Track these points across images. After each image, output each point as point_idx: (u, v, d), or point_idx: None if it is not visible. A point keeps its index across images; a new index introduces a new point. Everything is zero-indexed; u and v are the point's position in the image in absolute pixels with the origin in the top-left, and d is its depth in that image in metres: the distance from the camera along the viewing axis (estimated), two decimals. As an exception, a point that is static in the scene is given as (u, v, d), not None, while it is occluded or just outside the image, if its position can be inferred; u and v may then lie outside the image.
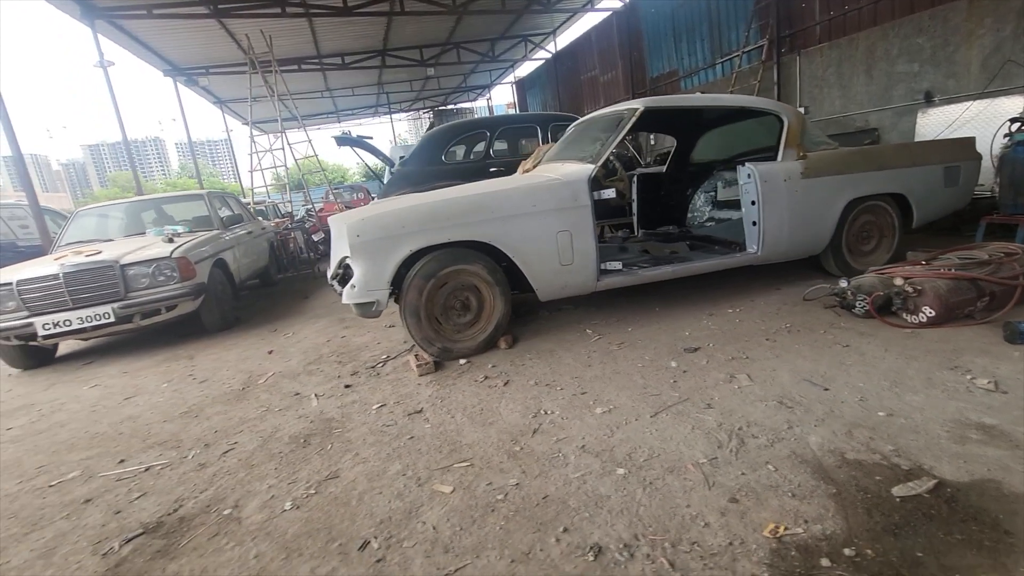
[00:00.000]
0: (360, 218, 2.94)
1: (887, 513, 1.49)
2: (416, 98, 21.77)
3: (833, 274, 3.89)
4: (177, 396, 3.16)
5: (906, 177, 3.80)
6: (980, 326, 2.75)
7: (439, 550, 1.54)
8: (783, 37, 7.87)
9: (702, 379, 2.51)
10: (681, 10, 10.02)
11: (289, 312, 5.31)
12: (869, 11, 6.65)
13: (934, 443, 1.79)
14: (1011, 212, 3.90)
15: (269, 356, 3.81)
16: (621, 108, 3.54)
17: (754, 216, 3.50)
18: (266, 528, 1.74)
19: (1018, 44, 5.18)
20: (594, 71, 13.89)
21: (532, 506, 1.70)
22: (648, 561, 1.41)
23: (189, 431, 2.61)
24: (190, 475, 2.16)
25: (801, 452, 1.82)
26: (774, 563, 1.36)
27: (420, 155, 5.94)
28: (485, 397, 2.58)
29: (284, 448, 2.30)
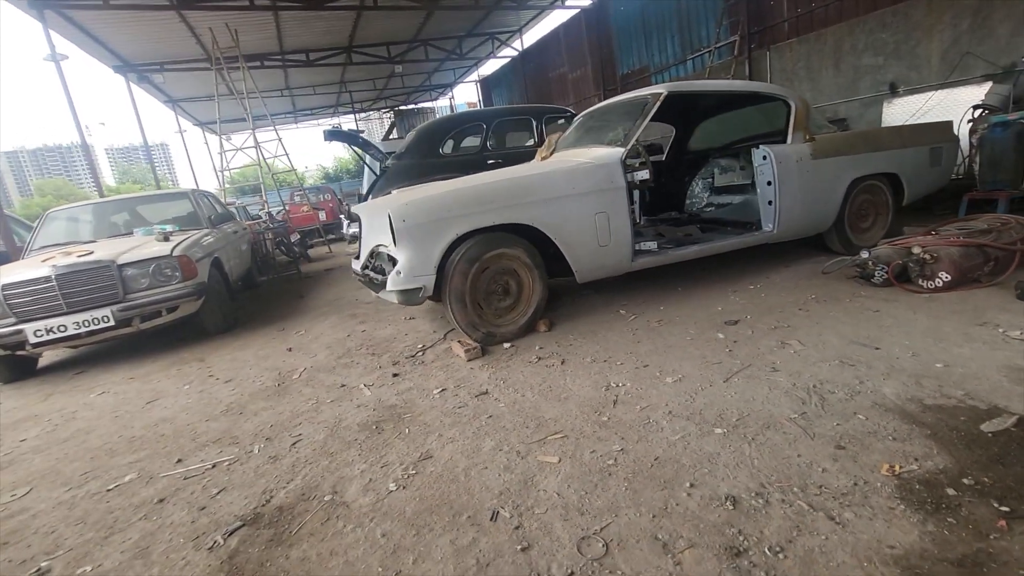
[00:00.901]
0: (404, 203, 2.89)
1: (985, 446, 1.61)
2: (378, 97, 21.37)
3: (835, 251, 4.12)
4: (207, 396, 3.00)
5: (899, 157, 4.07)
6: (989, 288, 2.99)
7: (574, 513, 1.55)
8: (753, 33, 8.25)
9: (755, 347, 2.61)
10: (651, 7, 10.32)
11: (290, 312, 5.13)
12: (835, 8, 7.08)
13: (998, 386, 1.94)
14: (991, 188, 4.26)
15: (289, 353, 3.67)
16: (644, 93, 3.63)
17: (770, 196, 3.66)
18: (380, 509, 1.69)
19: (975, 38, 5.65)
20: (563, 68, 14.07)
21: (647, 467, 1.73)
22: (786, 505, 1.47)
23: (240, 428, 2.49)
24: (266, 468, 2.07)
25: (882, 402, 1.94)
26: (904, 496, 1.45)
27: (417, 148, 5.86)
28: (547, 376, 2.60)
29: (357, 435, 2.24)
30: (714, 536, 1.39)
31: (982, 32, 5.59)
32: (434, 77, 19.62)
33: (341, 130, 6.30)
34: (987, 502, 1.39)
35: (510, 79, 17.18)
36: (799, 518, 1.42)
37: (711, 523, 1.44)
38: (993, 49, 5.50)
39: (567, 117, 6.44)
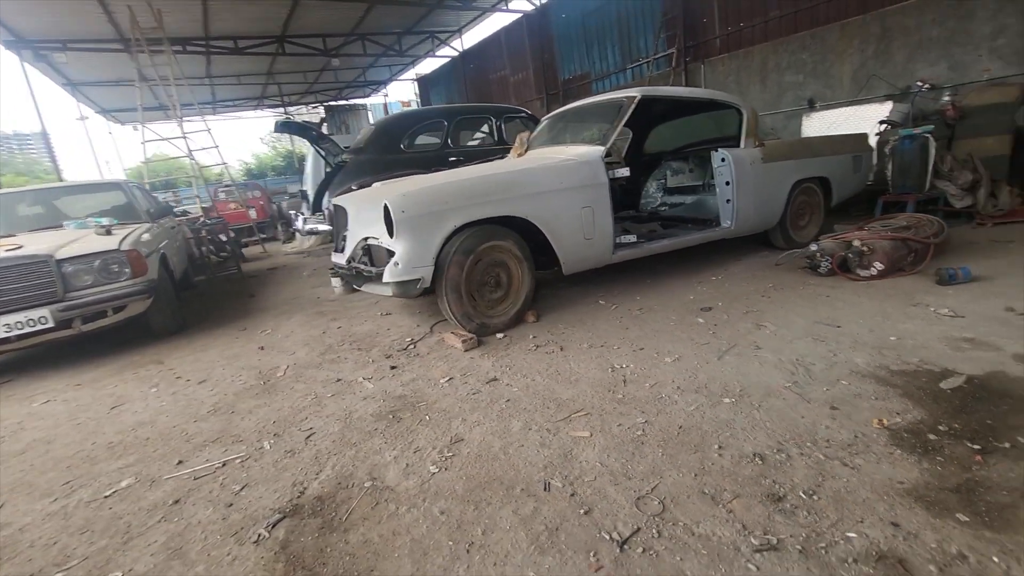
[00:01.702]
0: (401, 194, 2.87)
1: (948, 400, 1.92)
2: (308, 91, 20.41)
3: (778, 246, 4.58)
4: (184, 398, 2.80)
5: (830, 164, 4.60)
6: (912, 276, 3.48)
7: (621, 478, 1.67)
8: (689, 47, 8.87)
9: (734, 329, 2.87)
10: (592, 17, 10.76)
11: (245, 312, 4.84)
12: (761, 29, 7.79)
13: (943, 353, 2.30)
14: (901, 191, 4.91)
15: (262, 352, 3.50)
16: (619, 96, 3.83)
17: (729, 195, 4.01)
18: (428, 490, 1.71)
19: (878, 62, 6.47)
20: (504, 71, 14.26)
21: (674, 436, 1.89)
22: (805, 457, 1.68)
23: (239, 426, 2.36)
24: (286, 462, 2.00)
25: (857, 370, 2.23)
26: (897, 443, 1.70)
27: (377, 144, 5.74)
28: (551, 361, 2.70)
29: (376, 425, 2.21)
30: (753, 487, 1.56)
31: (884, 57, 6.42)
32: (369, 73, 19.06)
33: (294, 121, 6.03)
34: (962, 443, 1.67)
35: (449, 79, 17.12)
36: (819, 467, 1.62)
37: (747, 476, 1.61)
38: (893, 73, 6.34)
39: (525, 117, 6.61)
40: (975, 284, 3.15)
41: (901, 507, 1.41)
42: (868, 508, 1.42)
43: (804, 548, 1.30)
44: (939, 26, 5.91)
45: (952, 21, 5.80)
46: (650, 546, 1.36)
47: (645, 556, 1.33)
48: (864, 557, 1.25)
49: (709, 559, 1.30)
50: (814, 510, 1.43)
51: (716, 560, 1.30)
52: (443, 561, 1.39)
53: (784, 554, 1.29)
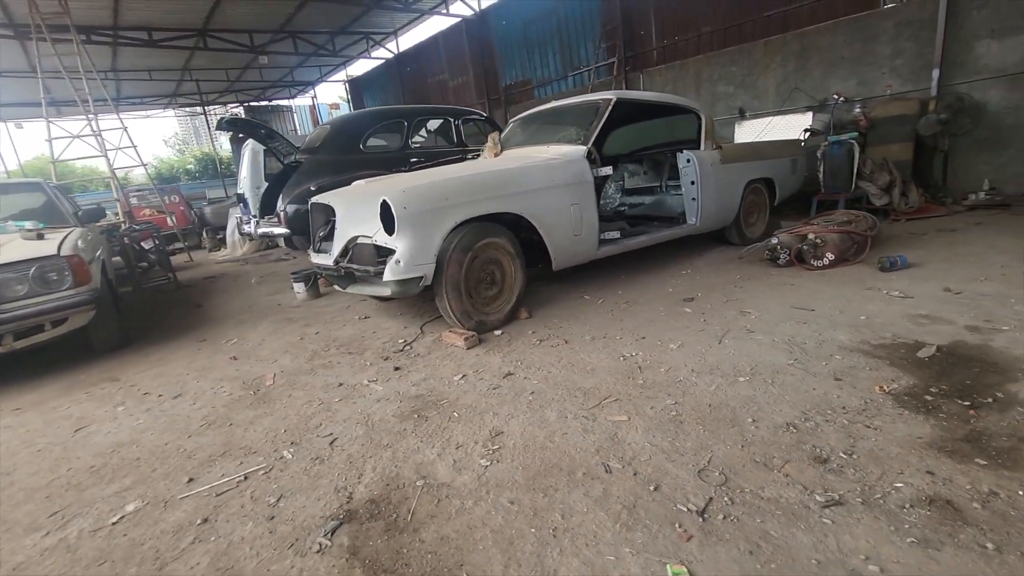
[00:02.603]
0: (401, 190, 2.80)
1: (928, 367, 2.18)
2: (228, 89, 19.10)
3: (732, 242, 4.93)
4: (164, 414, 2.54)
5: (774, 166, 5.04)
6: (857, 264, 3.89)
7: (675, 455, 1.74)
8: (628, 57, 9.32)
9: (722, 316, 3.07)
10: (533, 25, 11.00)
11: (197, 322, 4.46)
12: (695, 42, 8.37)
13: (908, 328, 2.60)
14: (832, 191, 5.47)
15: (236, 362, 3.25)
16: (594, 98, 3.97)
17: (694, 194, 4.27)
18: (486, 483, 1.69)
19: (799, 76, 7.17)
20: (443, 75, 14.18)
21: (707, 413, 1.99)
22: (831, 423, 1.84)
23: (245, 438, 2.19)
24: (317, 469, 1.88)
25: (844, 346, 2.47)
26: (903, 405, 1.91)
27: (335, 143, 5.51)
28: (560, 354, 2.74)
29: (403, 425, 2.14)
30: (797, 452, 1.69)
31: (803, 72, 7.13)
32: (297, 73, 18.20)
33: (242, 118, 5.64)
34: (953, 401, 1.90)
35: (384, 81, 16.73)
36: (847, 430, 1.79)
37: (788, 444, 1.74)
38: (812, 86, 7.06)
39: (482, 119, 6.63)
40: (912, 270, 3.58)
41: (928, 458, 1.59)
42: (902, 461, 1.59)
43: (865, 500, 1.43)
44: (849, 47, 6.66)
45: (859, 43, 6.56)
46: (728, 513, 1.44)
47: (727, 522, 1.41)
48: (918, 502, 1.40)
49: (786, 518, 1.40)
50: (858, 467, 1.58)
51: (793, 519, 1.39)
52: (532, 548, 1.38)
53: (850, 507, 1.41)
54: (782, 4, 7.18)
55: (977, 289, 3.05)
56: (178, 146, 44.68)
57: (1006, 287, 3.03)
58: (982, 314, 2.66)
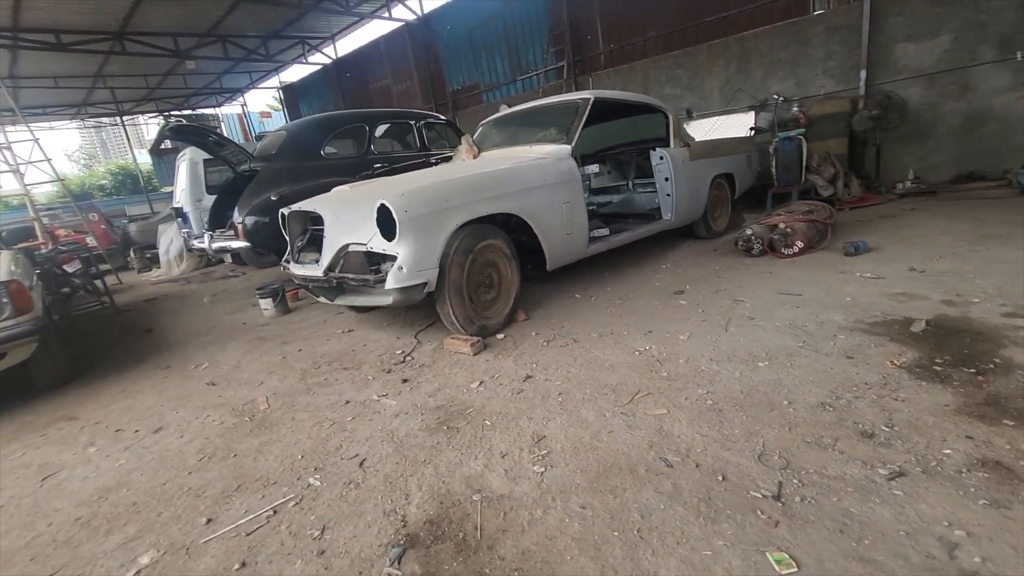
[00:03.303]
0: (400, 193, 2.67)
1: (925, 340, 2.34)
2: (147, 97, 17.69)
3: (700, 236, 5.12)
4: (151, 451, 2.27)
5: (734, 162, 5.28)
6: (822, 251, 4.14)
7: (728, 443, 1.75)
8: (577, 61, 9.50)
9: (717, 306, 3.16)
10: (478, 30, 10.98)
11: (153, 348, 4.05)
12: (640, 47, 8.66)
13: (892, 306, 2.78)
14: (785, 184, 5.81)
15: (214, 387, 2.97)
16: (572, 98, 3.99)
17: (668, 190, 4.38)
18: (548, 490, 1.62)
19: (740, 78, 7.59)
20: (386, 80, 13.86)
21: (741, 400, 2.03)
22: (861, 399, 1.92)
23: (256, 469, 1.99)
24: (355, 494, 1.73)
25: (843, 326, 2.60)
26: (918, 377, 2.02)
27: (294, 150, 5.21)
28: (575, 353, 2.71)
29: (435, 439, 2.02)
30: (842, 429, 1.74)
31: (745, 74, 7.55)
32: (225, 79, 17.17)
33: (188, 125, 5.21)
34: (960, 369, 2.04)
35: (322, 87, 16.13)
36: (879, 404, 1.87)
37: (829, 422, 1.80)
38: (753, 87, 7.49)
39: (444, 123, 6.52)
40: (873, 254, 3.85)
41: (962, 424, 1.69)
42: (941, 429, 1.67)
43: (924, 469, 1.49)
44: (785, 50, 7.13)
45: (795, 46, 7.04)
46: (803, 495, 1.46)
47: (806, 504, 1.42)
48: (972, 465, 1.48)
49: (859, 494, 1.43)
50: (903, 439, 1.65)
51: (865, 494, 1.43)
52: (622, 552, 1.33)
53: (913, 477, 1.47)
54: (722, 10, 7.58)
55: (937, 267, 3.32)
56: (83, 160, 40.95)
57: (960, 264, 3.32)
58: (951, 290, 2.89)
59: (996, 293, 2.75)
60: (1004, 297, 2.68)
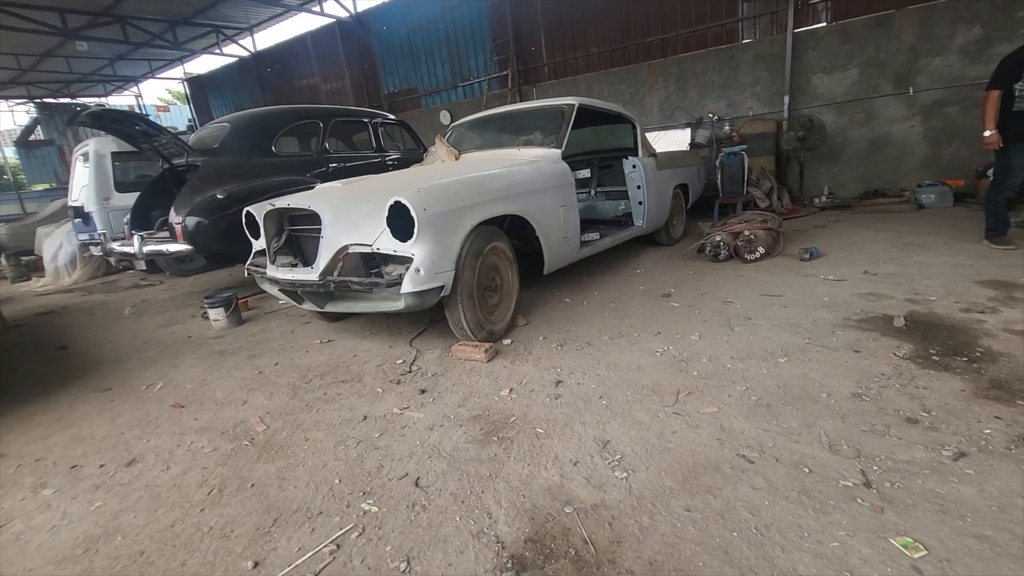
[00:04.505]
0: (416, 190, 2.48)
1: (911, 332, 2.59)
2: (16, 80, 15.26)
3: (660, 242, 5.35)
4: (129, 489, 1.89)
5: (688, 173, 5.59)
6: (779, 257, 4.49)
7: (793, 435, 1.80)
8: (520, 71, 9.61)
9: (709, 307, 3.29)
10: (418, 32, 10.74)
11: (81, 369, 3.43)
12: (584, 61, 8.95)
13: (865, 305, 3.06)
14: (730, 196, 6.25)
15: (183, 410, 2.58)
16: (557, 103, 3.99)
17: (640, 197, 4.54)
18: (641, 495, 1.56)
19: (678, 97, 8.10)
20: (314, 78, 13.09)
21: (781, 394, 2.10)
22: (888, 388, 2.07)
23: (289, 498, 1.72)
24: (428, 517, 1.55)
25: (835, 323, 2.81)
26: (925, 366, 2.23)
27: (241, 145, 4.72)
28: (594, 356, 2.67)
29: (488, 451, 1.88)
30: (888, 417, 1.86)
31: (683, 93, 8.07)
32: (119, 66, 15.28)
33: (109, 110, 4.52)
34: (954, 359, 2.28)
35: (237, 81, 14.89)
36: (905, 392, 2.02)
37: (872, 411, 1.91)
38: (690, 105, 8.02)
39: (395, 124, 6.27)
40: (824, 259, 4.23)
41: (985, 406, 1.87)
42: (970, 412, 1.84)
43: (979, 449, 1.63)
44: (718, 73, 7.72)
45: (727, 70, 7.64)
46: (889, 480, 1.52)
47: (896, 489, 1.49)
48: (1016, 442, 1.64)
49: (936, 475, 1.53)
50: (945, 422, 1.80)
51: (941, 475, 1.53)
52: (751, 551, 1.31)
53: (974, 456, 1.60)
54: (660, 32, 8.05)
55: (885, 270, 3.72)
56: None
57: (902, 268, 3.74)
58: (908, 289, 3.24)
59: (946, 292, 3.12)
60: (954, 295, 3.05)
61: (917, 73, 6.45)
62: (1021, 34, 5.78)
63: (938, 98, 6.41)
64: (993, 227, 4.03)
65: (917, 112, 6.58)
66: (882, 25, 6.50)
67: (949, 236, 4.54)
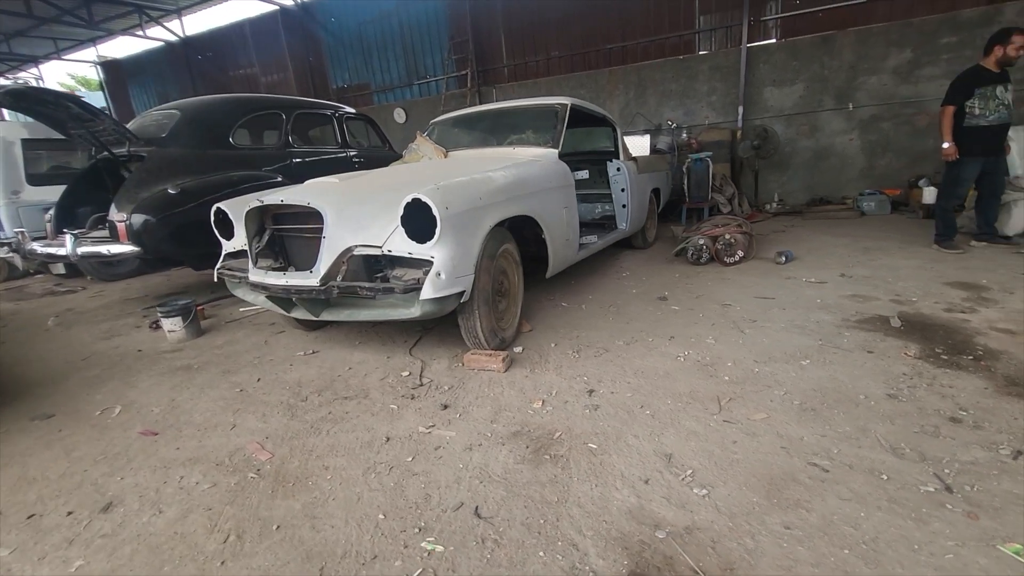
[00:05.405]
0: (435, 187, 2.27)
1: (912, 332, 2.70)
2: None
3: (637, 246, 5.39)
4: (114, 542, 1.55)
5: (660, 178, 5.68)
6: (755, 260, 4.64)
7: (852, 440, 1.78)
8: (480, 71, 9.44)
9: (711, 311, 3.30)
10: (370, 26, 10.29)
11: (5, 396, 2.89)
12: (544, 64, 8.94)
13: (858, 306, 3.18)
14: (697, 200, 6.42)
15: (156, 437, 2.21)
16: (550, 102, 3.87)
17: (624, 200, 4.53)
18: (731, 513, 1.47)
19: (638, 103, 8.27)
20: (252, 68, 12.20)
21: (820, 397, 2.10)
22: (916, 388, 2.13)
23: (332, 541, 1.48)
24: (507, 554, 1.37)
25: (838, 325, 2.89)
26: (939, 366, 2.31)
27: (194, 135, 4.22)
28: (618, 364, 2.58)
29: (545, 472, 1.72)
30: (931, 418, 1.90)
31: (642, 100, 8.26)
32: (15, 43, 13.50)
33: (35, 88, 3.89)
34: (959, 357, 2.39)
35: (163, 68, 13.59)
36: (934, 392, 2.08)
37: (911, 412, 1.95)
38: (650, 112, 8.22)
39: (362, 120, 5.94)
40: (798, 262, 4.41)
41: (1012, 402, 1.96)
42: (1003, 408, 1.92)
43: (1030, 444, 1.68)
44: (676, 82, 7.96)
45: (684, 80, 7.90)
46: (968, 482, 1.53)
47: (977, 492, 1.49)
48: (1060, 437, 1.71)
49: (1006, 476, 1.55)
50: (986, 420, 1.85)
51: (1008, 473, 1.55)
52: (871, 571, 1.25)
53: (1029, 453, 1.64)
54: (621, 39, 8.20)
55: (858, 273, 3.92)
56: None
57: (872, 271, 3.96)
58: (888, 291, 3.42)
59: (923, 293, 3.32)
60: (932, 296, 3.25)
61: (856, 90, 6.97)
62: (945, 59, 6.39)
63: (874, 113, 6.95)
64: (943, 233, 4.37)
65: (856, 126, 7.10)
66: (826, 44, 6.96)
67: (900, 241, 4.89)
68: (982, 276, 3.57)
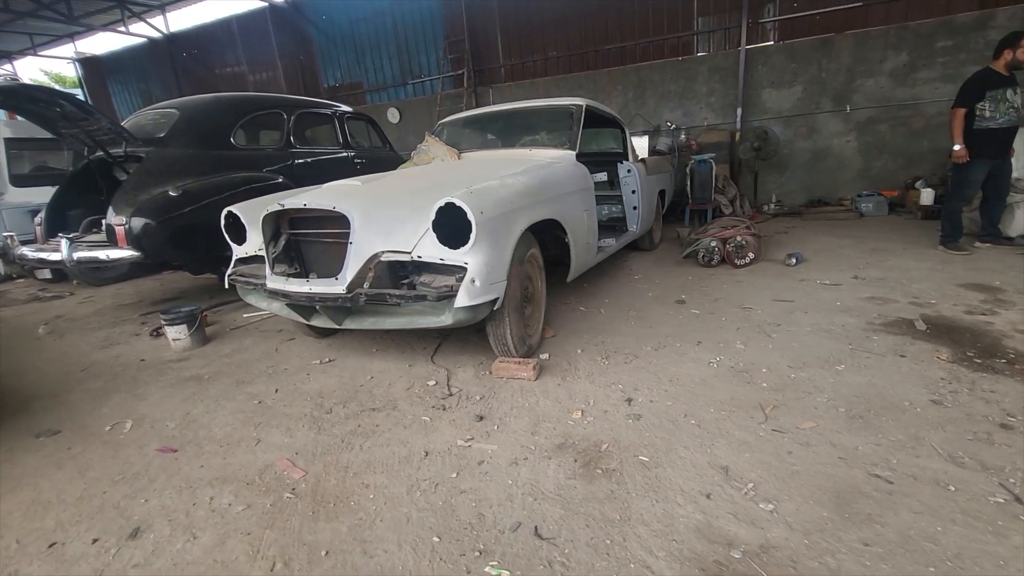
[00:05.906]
0: (468, 190, 2.19)
1: (939, 336, 2.69)
2: None
3: (644, 247, 5.37)
4: (151, 572, 1.46)
5: (666, 179, 5.66)
6: (764, 262, 4.63)
7: (908, 449, 1.75)
8: (476, 71, 9.34)
9: (732, 315, 3.27)
10: (363, 24, 10.13)
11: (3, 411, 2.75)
12: (542, 64, 8.89)
13: (880, 309, 3.18)
14: (700, 202, 6.42)
15: (175, 454, 2.10)
16: (564, 103, 3.81)
17: (635, 202, 4.49)
18: (806, 531, 1.42)
19: (637, 104, 8.26)
20: (239, 66, 11.93)
21: (864, 404, 2.07)
22: (957, 394, 2.11)
23: (381, 567, 1.39)
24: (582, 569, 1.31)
25: (863, 328, 2.88)
26: (973, 368, 2.30)
27: (193, 135, 4.07)
28: (651, 371, 2.53)
29: (600, 487, 1.66)
30: (978, 423, 1.88)
31: (641, 101, 8.25)
32: (-10, 39, 13.03)
33: (25, 84, 3.71)
34: (992, 361, 2.38)
35: (146, 65, 13.22)
36: (977, 397, 2.06)
37: (960, 418, 1.92)
38: (648, 113, 8.21)
39: (362, 120, 5.82)
40: (808, 264, 4.42)
41: (1058, 407, 1.95)
42: (1050, 414, 1.91)
43: (1088, 451, 1.67)
44: (675, 83, 7.97)
45: (683, 81, 7.91)
46: (1033, 492, 1.50)
47: (1047, 501, 1.46)
48: (1116, 444, 1.70)
49: (1072, 484, 1.53)
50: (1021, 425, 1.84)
51: (1075, 482, 1.53)
52: (960, 588, 1.21)
53: (1090, 460, 1.62)
54: (619, 40, 8.18)
55: (870, 275, 3.93)
56: None
57: (884, 272, 3.98)
58: (904, 293, 3.42)
59: (940, 295, 3.33)
60: (949, 298, 3.26)
61: (853, 92, 7.04)
62: (940, 62, 6.49)
63: (871, 116, 7.03)
64: (949, 234, 4.42)
65: (853, 128, 7.18)
66: (824, 46, 7.02)
67: (904, 242, 4.93)
68: (994, 278, 3.60)
